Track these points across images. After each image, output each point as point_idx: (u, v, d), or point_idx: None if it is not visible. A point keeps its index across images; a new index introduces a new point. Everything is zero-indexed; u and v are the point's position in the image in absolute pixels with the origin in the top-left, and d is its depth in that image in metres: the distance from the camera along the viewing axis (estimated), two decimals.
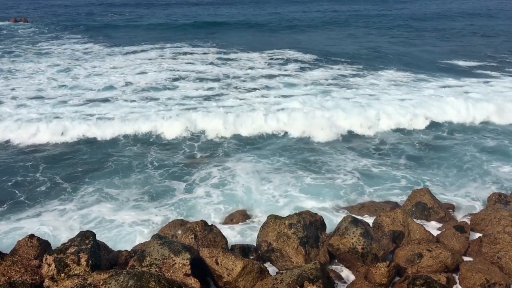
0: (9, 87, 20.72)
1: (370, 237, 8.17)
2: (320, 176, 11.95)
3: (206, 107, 17.67)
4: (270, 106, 17.55)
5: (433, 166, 12.69)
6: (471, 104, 17.31)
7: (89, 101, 18.64)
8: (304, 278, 6.43)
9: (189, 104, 18.14)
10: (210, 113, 16.33)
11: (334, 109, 16.83)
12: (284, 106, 17.60)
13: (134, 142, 14.74)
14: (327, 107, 17.32)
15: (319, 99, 18.76)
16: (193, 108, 17.39)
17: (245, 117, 16.07)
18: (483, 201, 10.48)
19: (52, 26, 43.76)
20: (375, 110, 16.64)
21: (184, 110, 17.18)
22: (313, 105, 17.64)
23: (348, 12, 57.50)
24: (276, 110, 17.05)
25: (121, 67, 25.16)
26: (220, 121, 15.60)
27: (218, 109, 17.06)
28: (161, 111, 17.04)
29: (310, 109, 16.97)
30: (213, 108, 17.50)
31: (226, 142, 14.72)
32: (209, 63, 25.93)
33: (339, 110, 16.69)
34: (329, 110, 16.75)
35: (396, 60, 27.06)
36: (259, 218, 10.03)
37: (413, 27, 43.60)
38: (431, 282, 6.83)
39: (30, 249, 7.83)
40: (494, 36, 37.47)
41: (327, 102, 18.24)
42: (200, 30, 40.07)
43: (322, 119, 15.67)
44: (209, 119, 15.77)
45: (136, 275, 6.35)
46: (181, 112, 16.76)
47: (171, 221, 9.51)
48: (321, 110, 16.69)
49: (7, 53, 29.20)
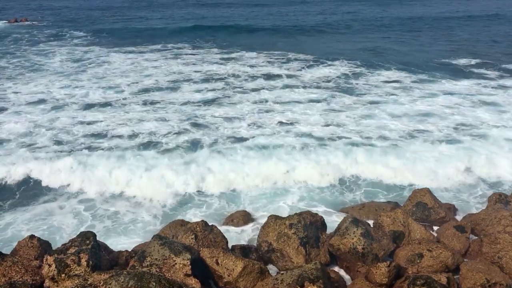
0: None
1: (371, 237, 8.17)
2: None
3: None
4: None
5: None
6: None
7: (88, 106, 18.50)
8: (304, 278, 6.43)
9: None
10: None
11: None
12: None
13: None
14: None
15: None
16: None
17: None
18: (483, 201, 10.47)
19: (52, 27, 43.83)
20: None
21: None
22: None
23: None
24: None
25: (119, 68, 25.16)
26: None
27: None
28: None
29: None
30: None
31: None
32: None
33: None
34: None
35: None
36: (259, 218, 10.06)
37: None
38: (431, 282, 6.83)
39: (31, 249, 7.84)
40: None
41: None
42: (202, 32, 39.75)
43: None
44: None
45: (136, 275, 6.36)
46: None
47: (172, 222, 9.53)
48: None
49: (7, 53, 29.22)
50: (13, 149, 13.97)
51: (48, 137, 14.84)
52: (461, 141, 14.32)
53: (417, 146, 13.87)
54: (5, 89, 20.58)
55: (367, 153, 13.29)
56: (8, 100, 18.86)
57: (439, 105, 17.88)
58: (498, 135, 14.63)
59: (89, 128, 15.72)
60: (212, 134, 15.15)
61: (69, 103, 18.52)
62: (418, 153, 13.28)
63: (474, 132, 15.06)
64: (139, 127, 15.81)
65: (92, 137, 14.99)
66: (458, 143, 14.15)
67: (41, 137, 14.88)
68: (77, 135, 15.11)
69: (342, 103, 18.32)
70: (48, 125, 15.95)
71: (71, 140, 14.73)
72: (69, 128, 15.71)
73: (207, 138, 14.80)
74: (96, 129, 15.67)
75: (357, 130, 15.41)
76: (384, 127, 15.55)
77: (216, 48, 31.52)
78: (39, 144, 14.32)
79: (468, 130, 15.20)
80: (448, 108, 17.43)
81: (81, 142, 14.57)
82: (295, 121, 16.26)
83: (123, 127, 15.77)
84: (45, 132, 15.25)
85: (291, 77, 22.80)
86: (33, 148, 14.00)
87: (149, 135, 15.11)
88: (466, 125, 15.70)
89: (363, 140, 14.45)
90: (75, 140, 14.70)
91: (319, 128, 15.53)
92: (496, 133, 14.80)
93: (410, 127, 15.57)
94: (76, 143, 14.49)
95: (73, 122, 16.24)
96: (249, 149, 13.90)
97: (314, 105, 18.04)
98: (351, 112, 17.21)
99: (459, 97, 18.92)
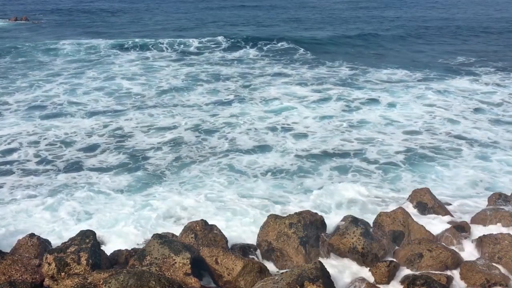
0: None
1: (370, 236, 8.18)
2: None
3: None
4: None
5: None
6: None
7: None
8: (304, 278, 6.43)
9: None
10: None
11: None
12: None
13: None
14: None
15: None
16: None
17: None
18: (484, 201, 10.46)
19: (52, 26, 43.80)
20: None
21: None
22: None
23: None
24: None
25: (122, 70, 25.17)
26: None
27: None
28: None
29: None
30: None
31: None
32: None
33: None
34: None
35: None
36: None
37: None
38: (431, 282, 6.84)
39: (31, 248, 7.84)
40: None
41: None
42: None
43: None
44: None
45: (136, 274, 6.36)
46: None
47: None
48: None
49: (7, 53, 29.22)
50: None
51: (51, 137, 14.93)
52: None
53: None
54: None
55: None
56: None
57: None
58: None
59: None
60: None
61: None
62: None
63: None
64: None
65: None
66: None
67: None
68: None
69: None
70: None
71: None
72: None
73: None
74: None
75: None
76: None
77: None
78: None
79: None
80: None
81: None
82: None
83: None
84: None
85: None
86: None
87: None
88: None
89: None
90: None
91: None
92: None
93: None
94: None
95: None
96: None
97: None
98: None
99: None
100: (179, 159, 13.14)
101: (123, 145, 14.23)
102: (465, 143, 14.23)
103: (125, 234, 9.10)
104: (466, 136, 14.85)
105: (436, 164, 12.67)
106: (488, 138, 14.68)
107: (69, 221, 9.77)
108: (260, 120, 16.50)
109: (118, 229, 9.29)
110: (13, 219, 9.80)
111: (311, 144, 14.25)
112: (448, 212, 9.75)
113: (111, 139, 14.70)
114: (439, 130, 15.43)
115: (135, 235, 9.07)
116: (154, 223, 9.57)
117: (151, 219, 9.67)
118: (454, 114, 17.00)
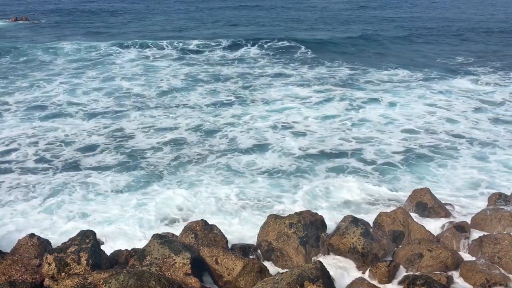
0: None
1: (371, 236, 8.18)
2: None
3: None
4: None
5: None
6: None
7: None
8: (304, 278, 6.43)
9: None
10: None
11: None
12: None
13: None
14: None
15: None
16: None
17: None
18: (484, 201, 10.45)
19: (53, 26, 43.78)
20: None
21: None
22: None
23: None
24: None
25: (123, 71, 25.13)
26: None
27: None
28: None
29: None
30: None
31: None
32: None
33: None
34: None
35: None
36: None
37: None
38: (431, 282, 6.83)
39: (31, 248, 7.84)
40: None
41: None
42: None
43: None
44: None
45: (136, 274, 6.36)
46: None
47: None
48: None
49: (7, 53, 29.21)
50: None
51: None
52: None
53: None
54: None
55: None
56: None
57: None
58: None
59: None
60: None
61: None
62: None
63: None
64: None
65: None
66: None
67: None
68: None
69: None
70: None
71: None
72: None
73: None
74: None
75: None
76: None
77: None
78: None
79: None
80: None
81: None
82: None
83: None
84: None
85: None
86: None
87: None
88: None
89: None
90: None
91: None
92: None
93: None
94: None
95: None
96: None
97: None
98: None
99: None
100: (179, 159, 13.15)
101: (122, 145, 14.23)
102: (465, 142, 14.25)
103: (125, 234, 9.12)
104: (466, 135, 14.85)
105: (436, 164, 12.66)
106: (487, 138, 14.66)
107: (69, 221, 9.78)
108: (262, 119, 16.53)
109: (118, 229, 9.30)
110: (13, 219, 9.82)
111: (310, 142, 14.28)
112: (448, 212, 9.75)
113: (111, 139, 14.69)
114: (439, 129, 15.43)
115: (135, 235, 9.09)
116: (154, 223, 9.58)
117: (151, 219, 9.70)
118: (455, 113, 17.00)
